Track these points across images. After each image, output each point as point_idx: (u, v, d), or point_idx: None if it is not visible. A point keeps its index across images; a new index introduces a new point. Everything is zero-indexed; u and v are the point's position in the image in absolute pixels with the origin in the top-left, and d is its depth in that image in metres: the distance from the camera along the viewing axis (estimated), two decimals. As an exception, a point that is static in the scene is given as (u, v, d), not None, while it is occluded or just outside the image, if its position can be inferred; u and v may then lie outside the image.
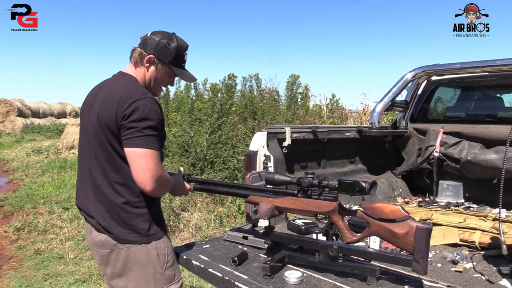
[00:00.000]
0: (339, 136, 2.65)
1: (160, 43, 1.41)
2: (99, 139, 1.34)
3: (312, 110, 8.38)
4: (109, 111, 1.30)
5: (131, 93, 1.32)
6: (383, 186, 2.78)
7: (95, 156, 1.36)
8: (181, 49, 1.46)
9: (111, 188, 1.35)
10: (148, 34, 1.45)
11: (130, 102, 1.29)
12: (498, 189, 1.50)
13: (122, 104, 1.29)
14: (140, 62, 1.43)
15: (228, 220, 4.27)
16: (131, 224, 1.35)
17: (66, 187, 6.25)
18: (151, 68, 1.44)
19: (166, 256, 1.42)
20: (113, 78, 1.47)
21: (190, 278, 3.03)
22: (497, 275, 1.44)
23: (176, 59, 1.45)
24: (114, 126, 1.30)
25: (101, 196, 1.36)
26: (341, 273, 1.37)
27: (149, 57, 1.41)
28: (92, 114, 1.37)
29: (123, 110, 1.28)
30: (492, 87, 3.03)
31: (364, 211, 1.32)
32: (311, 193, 1.40)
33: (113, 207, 1.35)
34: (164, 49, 1.42)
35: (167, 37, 1.43)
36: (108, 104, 1.32)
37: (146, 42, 1.42)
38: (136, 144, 1.27)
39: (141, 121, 1.27)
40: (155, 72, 1.45)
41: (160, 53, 1.41)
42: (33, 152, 10.10)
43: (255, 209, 1.54)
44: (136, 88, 1.36)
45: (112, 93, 1.35)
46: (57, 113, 19.88)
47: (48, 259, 3.53)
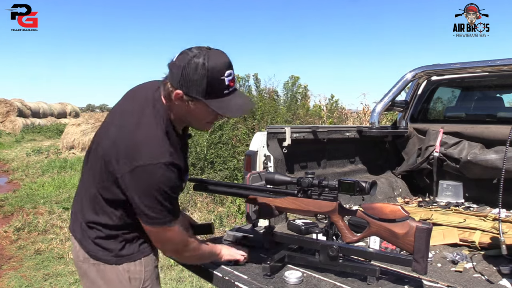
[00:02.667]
0: (339, 136, 2.65)
1: (186, 72, 1.06)
2: (96, 162, 1.17)
3: (312, 110, 8.39)
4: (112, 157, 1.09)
5: (138, 151, 1.06)
6: (383, 186, 2.78)
7: (92, 174, 1.20)
8: (215, 74, 1.07)
9: (88, 204, 1.20)
10: (175, 57, 1.11)
11: (133, 166, 1.04)
12: (498, 189, 1.50)
13: (123, 162, 1.06)
14: (169, 98, 1.13)
15: (228, 220, 4.27)
16: (100, 240, 1.19)
17: (66, 187, 6.25)
18: (183, 105, 1.12)
19: (141, 281, 1.21)
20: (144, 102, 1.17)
21: (190, 278, 3.03)
22: (497, 275, 1.44)
23: (212, 89, 1.08)
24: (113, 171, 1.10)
25: (80, 206, 1.24)
26: (341, 273, 1.37)
27: (176, 93, 1.09)
28: (104, 134, 1.18)
29: (122, 171, 1.06)
30: (492, 87, 3.03)
31: (364, 211, 1.32)
32: (311, 193, 1.40)
33: (85, 220, 1.21)
34: (192, 80, 1.06)
35: (195, 60, 1.06)
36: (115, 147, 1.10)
37: (171, 70, 1.10)
38: (144, 221, 1.10)
39: (144, 196, 1.05)
40: (189, 110, 1.14)
41: (188, 87, 1.07)
42: (33, 152, 10.10)
43: (255, 209, 1.54)
44: (153, 139, 1.09)
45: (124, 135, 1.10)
46: (57, 113, 19.90)
47: (48, 259, 3.53)
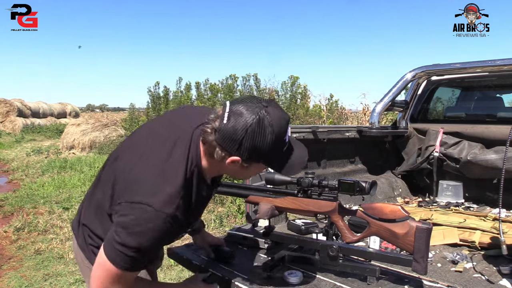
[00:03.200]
0: (339, 136, 2.65)
1: (247, 138, 0.95)
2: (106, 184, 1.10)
3: (312, 110, 8.39)
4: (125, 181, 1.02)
5: (151, 188, 0.97)
6: (383, 186, 2.78)
7: (103, 183, 1.15)
8: (280, 137, 1.00)
9: (93, 216, 1.15)
10: (225, 114, 0.97)
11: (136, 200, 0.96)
12: (498, 189, 1.50)
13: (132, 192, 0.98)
14: (215, 157, 1.02)
15: (228, 220, 4.27)
16: (94, 250, 1.14)
17: (66, 187, 6.25)
18: (234, 167, 1.03)
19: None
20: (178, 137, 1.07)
21: (190, 278, 3.03)
22: (497, 275, 1.44)
23: (274, 152, 1.01)
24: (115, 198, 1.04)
25: (86, 214, 1.19)
26: (341, 273, 1.37)
27: (232, 159, 1.00)
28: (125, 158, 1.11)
29: (125, 199, 0.99)
30: (492, 87, 3.03)
31: (364, 211, 1.32)
32: (311, 193, 1.40)
33: (89, 230, 1.17)
34: (254, 148, 0.97)
35: (257, 125, 0.95)
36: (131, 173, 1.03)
37: (222, 133, 0.97)
38: (105, 249, 0.98)
39: (126, 234, 0.95)
40: (241, 171, 1.07)
41: (250, 154, 0.98)
42: (33, 152, 10.10)
43: (255, 209, 1.54)
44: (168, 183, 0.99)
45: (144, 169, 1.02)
46: (57, 113, 19.89)
47: (48, 259, 3.53)
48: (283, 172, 1.07)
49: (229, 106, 0.99)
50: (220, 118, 0.97)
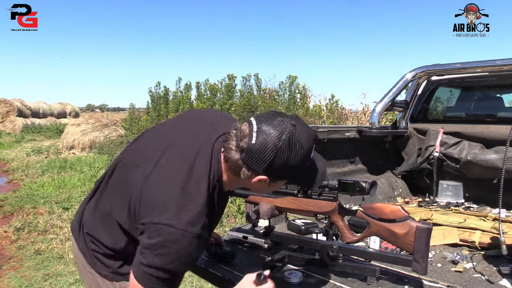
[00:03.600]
0: (339, 136, 2.65)
1: (278, 158, 0.93)
2: (124, 192, 1.05)
3: (312, 110, 8.39)
4: (144, 202, 0.98)
5: (176, 211, 0.94)
6: (383, 186, 2.78)
7: (113, 191, 1.12)
8: (308, 155, 0.99)
9: (98, 224, 1.13)
10: (253, 134, 0.93)
11: (159, 221, 0.93)
12: (498, 189, 1.50)
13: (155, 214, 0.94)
14: (241, 176, 1.00)
15: (228, 220, 4.27)
16: (99, 255, 1.14)
17: (66, 187, 6.25)
18: (260, 184, 1.02)
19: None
20: (199, 148, 1.03)
21: (190, 278, 3.03)
22: (497, 275, 1.44)
23: (301, 168, 1.01)
24: (134, 217, 1.00)
25: (89, 220, 1.17)
26: (341, 273, 1.37)
27: (259, 179, 0.99)
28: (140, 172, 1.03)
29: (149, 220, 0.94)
30: (492, 87, 3.03)
31: (364, 211, 1.32)
32: (311, 193, 1.40)
33: (91, 237, 1.14)
34: (285, 167, 0.96)
35: (287, 145, 0.93)
36: (151, 191, 0.98)
37: (252, 154, 0.94)
38: (136, 275, 0.97)
39: (153, 255, 0.93)
40: (264, 188, 1.07)
41: (278, 173, 0.98)
42: (33, 152, 10.11)
43: (255, 209, 1.54)
44: (192, 202, 0.96)
45: (164, 185, 0.98)
46: (57, 113, 19.89)
47: (48, 259, 3.53)
48: (308, 186, 1.07)
49: (256, 124, 0.95)
50: (248, 137, 0.94)
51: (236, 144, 0.97)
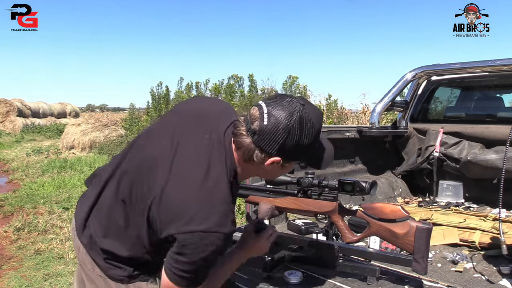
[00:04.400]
0: (339, 136, 2.65)
1: (290, 138, 0.94)
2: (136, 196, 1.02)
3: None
4: (165, 209, 0.95)
5: (204, 214, 0.93)
6: (383, 186, 2.78)
7: (119, 202, 1.08)
8: (319, 131, 1.00)
9: (107, 228, 1.09)
10: (264, 115, 0.94)
11: (193, 230, 0.91)
12: (498, 189, 1.50)
13: (182, 223, 0.92)
14: (254, 161, 1.00)
15: (228, 220, 4.27)
16: (112, 260, 1.10)
17: (66, 187, 6.25)
18: (274, 167, 1.02)
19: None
20: (206, 142, 1.02)
21: (190, 278, 3.03)
22: (497, 275, 1.44)
23: (313, 148, 1.02)
24: (156, 227, 0.97)
25: (97, 227, 1.12)
26: (341, 273, 1.37)
27: (272, 160, 0.98)
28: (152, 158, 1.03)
29: (177, 231, 0.93)
30: (492, 87, 3.03)
31: (364, 211, 1.32)
32: (311, 193, 1.40)
33: (99, 243, 1.10)
34: (298, 146, 0.96)
35: (299, 125, 0.94)
36: (170, 196, 0.95)
37: (263, 134, 0.94)
38: (167, 273, 0.98)
39: (191, 264, 0.94)
40: (281, 170, 1.06)
41: (291, 152, 0.98)
42: (33, 152, 10.11)
43: (255, 209, 1.54)
44: (217, 203, 0.95)
45: (184, 187, 0.95)
46: (57, 113, 19.90)
47: (48, 259, 3.53)
48: (318, 166, 1.07)
49: (266, 106, 0.96)
50: (259, 120, 0.95)
51: (247, 129, 0.97)
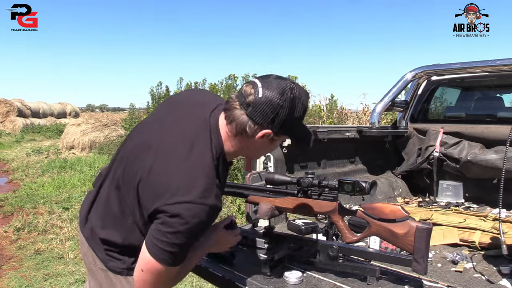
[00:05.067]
0: (339, 136, 2.65)
1: (282, 111, 1.00)
2: (128, 182, 1.06)
3: (311, 110, 8.39)
4: (153, 184, 1.00)
5: (189, 185, 0.97)
6: (383, 186, 2.78)
7: (114, 184, 1.12)
8: (306, 108, 1.08)
9: (105, 219, 1.14)
10: (259, 88, 1.00)
11: (179, 201, 0.95)
12: (498, 189, 1.50)
13: (169, 195, 0.96)
14: (246, 134, 1.04)
15: (228, 220, 4.26)
16: (112, 253, 1.15)
17: (66, 187, 6.25)
18: (263, 142, 1.07)
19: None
20: (195, 124, 1.08)
21: (190, 278, 3.03)
22: (497, 275, 1.44)
23: (299, 124, 1.09)
24: (147, 203, 1.01)
25: (96, 215, 1.18)
26: (341, 273, 1.37)
27: (265, 132, 1.03)
28: (142, 148, 1.08)
29: (165, 203, 0.96)
30: (492, 87, 3.03)
31: (364, 211, 1.32)
32: (311, 193, 1.40)
33: (100, 234, 1.15)
34: (289, 120, 1.02)
35: (290, 98, 1.01)
36: (157, 173, 1.00)
37: (257, 106, 1.00)
38: (152, 251, 0.98)
39: (175, 234, 0.96)
40: (267, 146, 1.12)
41: (281, 127, 1.03)
42: (33, 152, 10.11)
43: (255, 209, 1.54)
44: (202, 176, 0.99)
45: (171, 162, 1.00)
46: (57, 113, 19.89)
47: (48, 259, 3.53)
48: (305, 144, 1.13)
49: (260, 82, 1.01)
50: (253, 94, 1.00)
51: (240, 103, 1.02)
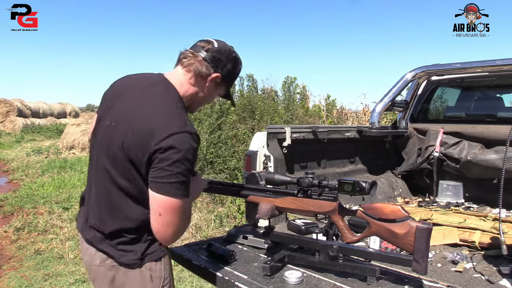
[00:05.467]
0: (339, 136, 2.65)
1: (230, 62, 1.26)
2: (115, 160, 1.15)
3: (311, 110, 8.39)
4: (138, 140, 1.09)
5: (168, 121, 1.10)
6: (383, 186, 2.78)
7: (103, 173, 1.19)
8: (239, 72, 1.34)
9: (110, 213, 1.19)
10: (214, 43, 1.24)
11: (166, 135, 1.06)
12: (498, 189, 1.50)
13: (156, 136, 1.07)
14: (203, 77, 1.23)
15: (228, 220, 4.27)
16: (124, 245, 1.19)
17: (66, 187, 6.25)
18: (212, 87, 1.27)
19: (161, 280, 1.23)
20: (151, 84, 1.22)
21: (190, 278, 3.03)
22: (497, 275, 1.44)
23: (234, 81, 1.36)
24: (139, 158, 1.10)
25: (97, 215, 1.22)
26: (341, 273, 1.37)
27: (217, 76, 1.24)
28: (113, 128, 1.16)
29: (155, 143, 1.06)
30: (492, 87, 3.03)
31: (364, 211, 1.32)
32: (311, 193, 1.40)
33: (105, 231, 1.19)
34: (232, 70, 1.28)
35: (235, 55, 1.29)
36: (137, 130, 1.11)
37: (212, 55, 1.23)
38: (166, 191, 1.08)
39: (176, 164, 1.06)
40: (213, 92, 1.29)
41: (227, 74, 1.27)
42: (33, 152, 10.11)
43: (255, 209, 1.54)
44: (175, 113, 1.14)
45: (144, 115, 1.13)
46: (57, 113, 19.90)
47: (48, 259, 3.53)
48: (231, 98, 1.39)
49: (213, 39, 1.26)
50: (210, 45, 1.24)
51: (198, 51, 1.23)
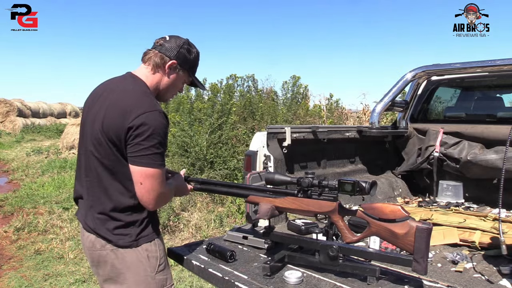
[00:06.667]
0: (339, 136, 2.65)
1: (183, 49, 1.40)
2: (99, 145, 1.29)
3: (312, 110, 8.39)
4: (114, 121, 1.26)
5: (138, 103, 1.26)
6: (383, 186, 2.78)
7: (92, 160, 1.32)
8: (198, 57, 1.48)
9: (104, 194, 1.32)
10: (166, 37, 1.41)
11: (137, 114, 1.23)
12: (498, 189, 1.50)
13: (129, 115, 1.23)
14: (160, 66, 1.39)
15: (228, 220, 4.27)
16: (120, 229, 1.32)
17: (66, 187, 6.25)
18: (171, 74, 1.41)
19: (157, 259, 1.37)
20: (121, 80, 1.41)
21: (190, 278, 3.03)
22: (497, 275, 1.44)
23: (194, 67, 1.47)
24: (117, 137, 1.25)
25: (93, 199, 1.34)
26: (341, 273, 1.37)
27: (172, 62, 1.38)
28: (95, 118, 1.32)
29: (128, 122, 1.23)
30: (492, 87, 3.03)
31: (364, 211, 1.32)
32: (311, 193, 1.40)
33: (104, 212, 1.32)
34: (187, 56, 1.41)
35: (188, 43, 1.42)
36: (113, 113, 1.27)
37: (165, 46, 1.39)
38: (143, 163, 1.24)
39: (148, 138, 1.23)
40: (175, 78, 1.43)
41: (183, 60, 1.40)
42: (33, 152, 10.11)
43: (255, 209, 1.54)
44: (144, 97, 1.30)
45: (118, 100, 1.29)
46: (57, 113, 19.89)
47: (48, 259, 3.53)
48: (197, 83, 1.49)
49: (167, 35, 1.42)
50: (163, 39, 1.40)
51: (154, 48, 1.40)
